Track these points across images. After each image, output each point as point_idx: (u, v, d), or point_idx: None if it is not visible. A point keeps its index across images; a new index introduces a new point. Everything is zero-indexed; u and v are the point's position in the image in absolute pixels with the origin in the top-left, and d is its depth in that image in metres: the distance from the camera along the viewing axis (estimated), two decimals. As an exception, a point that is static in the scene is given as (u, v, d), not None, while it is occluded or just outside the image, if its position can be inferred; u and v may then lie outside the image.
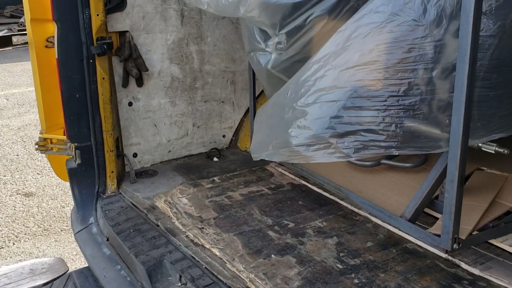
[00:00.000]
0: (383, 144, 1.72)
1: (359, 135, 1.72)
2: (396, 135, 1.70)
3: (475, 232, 1.74)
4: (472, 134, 1.65)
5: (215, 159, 3.06)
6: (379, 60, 1.64)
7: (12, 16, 11.36)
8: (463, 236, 1.67)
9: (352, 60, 1.69)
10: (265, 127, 2.08)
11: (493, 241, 1.80)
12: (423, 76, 1.62)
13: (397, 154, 1.92)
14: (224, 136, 3.20)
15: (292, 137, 1.81)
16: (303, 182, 2.65)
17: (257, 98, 3.06)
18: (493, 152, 1.75)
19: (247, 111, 3.16)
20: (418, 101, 1.65)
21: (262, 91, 3.09)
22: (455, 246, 1.64)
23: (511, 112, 1.75)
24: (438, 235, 1.67)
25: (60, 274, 1.87)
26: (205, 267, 1.95)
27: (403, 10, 1.59)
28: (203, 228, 2.22)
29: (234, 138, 3.26)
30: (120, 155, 2.75)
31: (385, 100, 1.66)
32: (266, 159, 2.02)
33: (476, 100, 1.62)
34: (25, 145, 5.67)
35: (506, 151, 1.71)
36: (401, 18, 1.59)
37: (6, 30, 10.97)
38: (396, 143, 1.72)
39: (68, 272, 2.35)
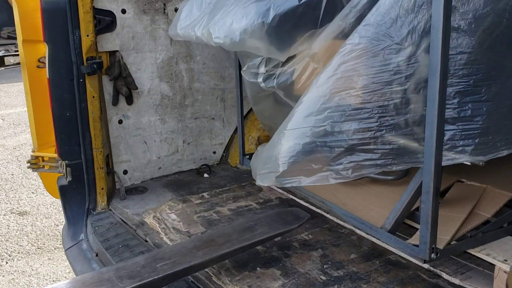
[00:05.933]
0: (378, 162, 1.75)
1: (355, 156, 1.75)
2: (390, 152, 1.72)
3: (453, 242, 1.78)
4: (472, 151, 1.66)
5: (206, 175, 3.11)
6: (367, 83, 1.67)
7: (9, 37, 11.49)
8: (440, 246, 1.71)
9: (340, 84, 1.72)
10: (261, 153, 2.08)
11: (471, 251, 1.83)
12: (409, 95, 1.67)
13: (393, 169, 1.92)
14: (214, 152, 3.25)
15: (282, 163, 1.82)
16: (291, 196, 2.69)
17: (246, 115, 3.13)
18: (469, 164, 1.80)
19: (238, 127, 3.21)
20: (408, 118, 1.69)
21: (251, 109, 3.16)
22: (432, 255, 1.67)
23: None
24: (417, 245, 1.71)
25: None
26: (191, 281, 1.98)
27: (386, 35, 1.63)
28: (190, 242, 2.25)
29: (224, 154, 3.31)
30: (110, 172, 2.79)
31: (376, 121, 1.69)
32: (260, 183, 2.01)
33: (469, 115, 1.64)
34: (20, 165, 5.71)
35: (481, 163, 1.76)
36: (384, 43, 1.64)
37: (3, 51, 11.09)
38: (391, 160, 1.74)
39: None
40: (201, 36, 2.11)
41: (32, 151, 2.85)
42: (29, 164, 2.82)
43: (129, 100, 2.82)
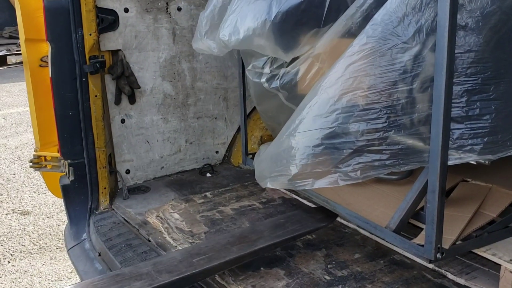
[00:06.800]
0: (387, 162, 1.72)
1: (363, 157, 1.71)
2: (399, 152, 1.70)
3: (458, 242, 1.77)
4: (481, 151, 1.63)
5: (208, 174, 3.09)
6: (375, 83, 1.66)
7: (11, 37, 11.49)
8: (446, 245, 1.69)
9: (348, 85, 1.70)
10: (267, 154, 2.06)
11: (476, 251, 1.82)
12: (417, 94, 1.65)
13: (402, 170, 1.89)
14: (217, 152, 3.24)
15: (293, 166, 1.79)
16: (294, 196, 2.68)
17: (248, 115, 3.12)
18: (474, 163, 1.78)
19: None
20: (417, 118, 1.67)
21: (254, 108, 3.15)
22: (438, 255, 1.66)
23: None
24: (422, 245, 1.69)
25: None
26: (195, 281, 1.97)
27: (393, 34, 1.61)
28: (193, 242, 2.24)
29: (227, 154, 3.30)
30: (112, 171, 2.78)
31: (385, 121, 1.68)
32: (270, 186, 1.98)
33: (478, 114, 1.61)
34: (22, 164, 5.71)
35: (487, 162, 1.74)
36: (392, 42, 1.62)
37: (5, 51, 11.10)
38: (400, 160, 1.71)
39: None
40: (217, 39, 2.09)
41: (34, 151, 2.85)
42: (31, 163, 2.82)
43: (132, 99, 2.81)
